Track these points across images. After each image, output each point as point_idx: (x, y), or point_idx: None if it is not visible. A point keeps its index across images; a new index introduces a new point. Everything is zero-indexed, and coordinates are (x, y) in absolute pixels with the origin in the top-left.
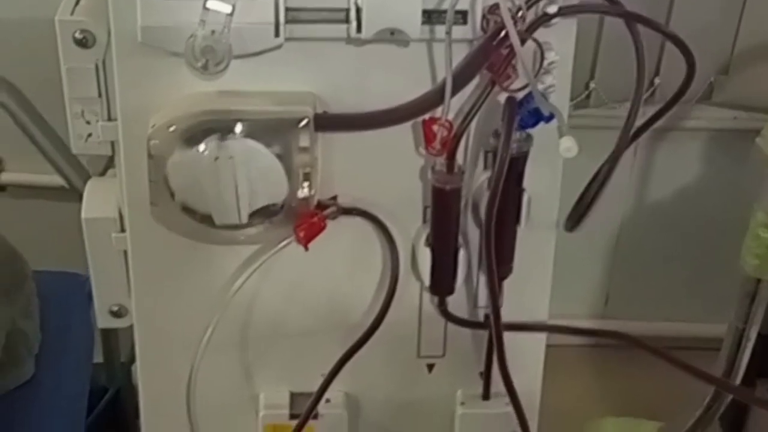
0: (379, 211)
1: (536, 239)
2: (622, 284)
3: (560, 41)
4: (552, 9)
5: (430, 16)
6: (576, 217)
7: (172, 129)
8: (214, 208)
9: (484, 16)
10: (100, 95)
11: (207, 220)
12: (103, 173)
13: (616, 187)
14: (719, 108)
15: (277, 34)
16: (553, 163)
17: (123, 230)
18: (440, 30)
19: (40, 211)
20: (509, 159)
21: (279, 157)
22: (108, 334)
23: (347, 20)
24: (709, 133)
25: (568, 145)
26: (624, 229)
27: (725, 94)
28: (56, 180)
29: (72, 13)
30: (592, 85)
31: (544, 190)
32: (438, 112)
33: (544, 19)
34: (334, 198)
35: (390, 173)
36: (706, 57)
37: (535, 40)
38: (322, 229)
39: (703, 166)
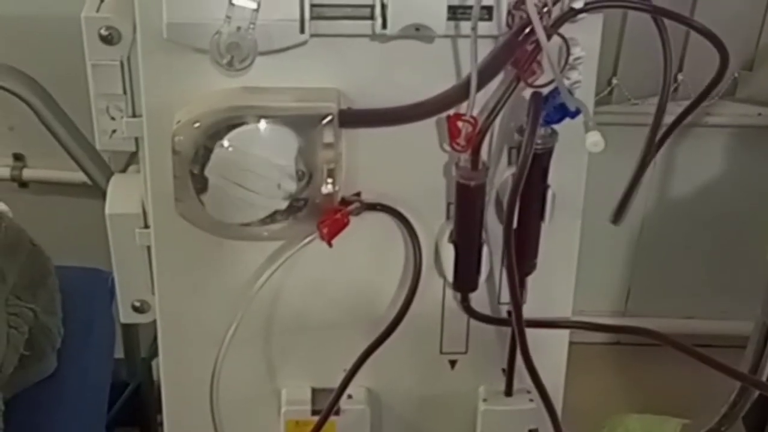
0: (403, 207)
1: (561, 235)
2: (644, 281)
3: (586, 36)
4: (578, 4)
5: (456, 12)
6: (619, 211)
7: (196, 125)
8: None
9: (509, 12)
10: (125, 91)
11: None
12: (124, 170)
13: None
14: (743, 104)
15: (302, 31)
16: (578, 159)
17: (147, 226)
18: (465, 26)
19: (62, 207)
20: (534, 155)
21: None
22: (129, 329)
23: (372, 16)
24: (732, 130)
25: (595, 139)
26: (646, 225)
27: (749, 89)
28: (78, 176)
29: (98, 10)
30: (614, 81)
31: (569, 186)
32: (463, 108)
33: (571, 14)
34: (358, 194)
35: (414, 169)
36: (731, 52)
37: (561, 36)
38: (345, 225)
39: (726, 162)
